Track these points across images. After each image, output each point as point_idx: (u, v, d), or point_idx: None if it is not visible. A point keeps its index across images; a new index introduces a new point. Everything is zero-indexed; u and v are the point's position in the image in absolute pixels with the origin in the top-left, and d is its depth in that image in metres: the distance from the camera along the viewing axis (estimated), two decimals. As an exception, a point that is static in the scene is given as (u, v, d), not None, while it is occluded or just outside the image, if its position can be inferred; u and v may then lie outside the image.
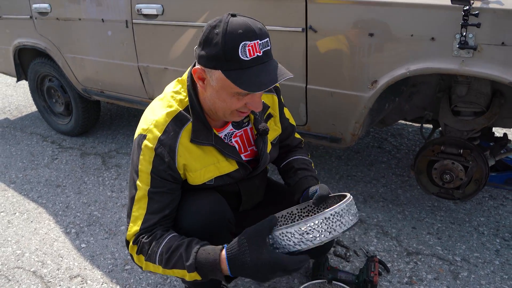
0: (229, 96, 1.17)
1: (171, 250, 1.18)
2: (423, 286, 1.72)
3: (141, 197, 1.25)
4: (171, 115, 1.25)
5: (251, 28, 1.10)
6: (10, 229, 2.21)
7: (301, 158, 1.57)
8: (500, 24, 1.39)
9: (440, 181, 1.83)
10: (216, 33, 1.10)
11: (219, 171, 1.33)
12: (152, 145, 1.22)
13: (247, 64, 1.10)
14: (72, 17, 2.52)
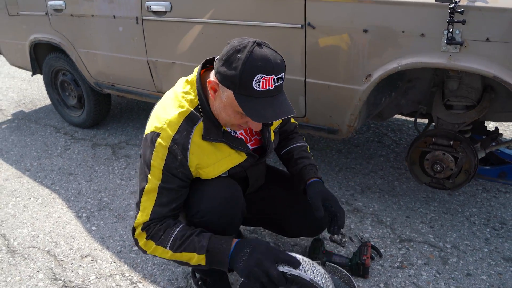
0: (233, 113, 1.27)
1: (185, 236, 1.31)
2: (413, 270, 1.81)
3: (151, 190, 1.34)
4: (183, 115, 1.33)
5: (270, 63, 1.18)
6: (26, 213, 2.35)
7: (298, 145, 1.69)
8: (484, 21, 1.48)
9: (432, 171, 1.92)
10: (238, 58, 1.18)
11: (232, 162, 1.43)
12: (166, 143, 1.31)
13: (258, 94, 1.19)
14: (86, 13, 2.65)
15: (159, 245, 1.34)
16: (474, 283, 1.73)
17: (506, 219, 2.08)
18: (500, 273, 1.77)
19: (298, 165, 1.61)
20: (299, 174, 1.61)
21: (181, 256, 1.32)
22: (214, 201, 1.36)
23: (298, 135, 1.76)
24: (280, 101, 1.23)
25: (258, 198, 1.69)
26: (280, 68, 1.21)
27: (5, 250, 2.07)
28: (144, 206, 1.35)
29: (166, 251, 1.33)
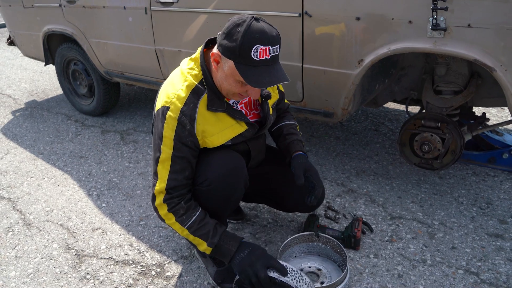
0: (234, 82, 1.41)
1: (203, 222, 1.50)
2: (401, 243, 1.94)
3: (165, 159, 1.48)
4: (190, 88, 1.48)
5: (266, 35, 1.32)
6: (40, 191, 2.50)
7: (288, 123, 1.83)
8: (466, 8, 1.60)
9: (421, 152, 2.04)
10: (238, 31, 1.32)
11: (234, 132, 1.57)
12: (175, 115, 1.45)
13: (256, 63, 1.34)
14: (97, 5, 2.79)
15: (178, 222, 1.50)
16: (458, 255, 1.85)
17: (492, 200, 2.20)
18: (483, 246, 1.89)
19: (286, 140, 1.76)
20: (286, 148, 1.75)
21: (193, 239, 1.51)
22: (221, 170, 1.50)
23: (289, 114, 1.90)
24: (276, 69, 1.38)
25: (258, 175, 1.83)
26: (276, 40, 1.35)
27: (21, 223, 2.22)
28: (161, 174, 1.49)
29: (183, 229, 1.50)
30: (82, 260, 1.94)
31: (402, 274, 1.76)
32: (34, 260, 1.95)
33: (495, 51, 1.60)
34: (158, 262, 1.90)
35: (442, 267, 1.79)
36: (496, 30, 1.58)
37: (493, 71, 1.63)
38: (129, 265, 1.89)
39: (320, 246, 1.86)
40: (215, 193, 1.52)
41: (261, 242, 1.99)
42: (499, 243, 1.90)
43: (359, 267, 1.81)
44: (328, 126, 3.13)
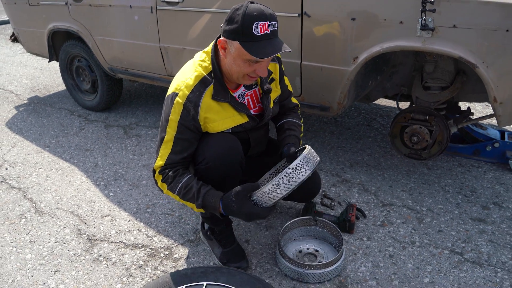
0: (242, 62, 1.55)
1: (188, 188, 1.61)
2: (392, 227, 2.09)
3: (168, 140, 1.64)
4: (198, 78, 1.63)
5: (263, 13, 1.49)
6: (49, 181, 2.62)
7: (291, 120, 1.95)
8: (452, 10, 1.76)
9: (410, 143, 2.20)
10: (238, 14, 1.49)
11: (234, 122, 1.71)
12: (182, 100, 1.60)
13: (258, 38, 1.49)
14: (104, 3, 2.91)
15: (169, 190, 1.65)
16: (444, 237, 2.01)
17: (476, 188, 2.37)
18: (467, 229, 2.05)
19: (284, 134, 1.89)
20: (282, 140, 1.88)
21: (186, 203, 1.65)
22: (218, 150, 1.64)
23: (295, 114, 2.02)
24: (277, 41, 1.54)
25: (258, 164, 1.96)
26: (273, 16, 1.52)
27: (33, 211, 2.33)
28: (162, 153, 1.65)
29: (175, 195, 1.65)
30: (94, 244, 2.06)
31: (393, 255, 1.92)
32: (48, 244, 2.07)
33: (478, 50, 1.76)
34: (166, 245, 2.03)
35: (429, 248, 1.95)
36: (478, 30, 1.73)
37: (476, 67, 1.78)
38: (139, 248, 2.02)
39: (318, 229, 2.01)
40: (213, 171, 1.66)
41: (261, 227, 2.13)
42: (482, 227, 2.07)
43: (353, 249, 1.96)
44: (323, 121, 3.28)
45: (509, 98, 1.81)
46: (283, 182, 1.51)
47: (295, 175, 1.51)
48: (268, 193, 1.54)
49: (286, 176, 1.50)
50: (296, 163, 1.52)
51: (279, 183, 1.51)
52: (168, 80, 2.89)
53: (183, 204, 2.31)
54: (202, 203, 1.59)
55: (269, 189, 1.53)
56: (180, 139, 1.63)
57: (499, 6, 1.68)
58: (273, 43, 1.52)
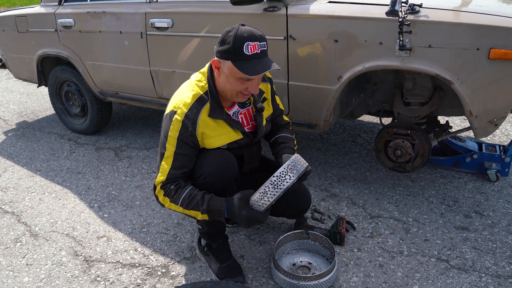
0: (235, 80, 1.66)
1: (191, 197, 1.68)
2: (381, 238, 2.18)
3: (168, 156, 1.71)
4: (195, 97, 1.73)
5: (253, 34, 1.61)
6: (42, 205, 2.64)
7: (284, 135, 2.05)
8: (427, 31, 1.89)
9: (394, 156, 2.31)
10: (229, 35, 1.61)
11: (230, 138, 1.80)
12: (180, 118, 1.69)
13: (249, 57, 1.60)
14: (94, 30, 3.00)
15: (173, 202, 1.71)
16: (431, 245, 2.10)
17: (458, 198, 2.48)
18: (451, 238, 2.15)
19: (279, 147, 1.98)
20: (277, 153, 1.97)
21: (190, 212, 1.71)
22: (214, 165, 1.72)
23: (287, 130, 2.11)
24: (267, 60, 1.64)
25: (251, 180, 2.04)
26: (262, 37, 1.63)
27: (28, 234, 2.35)
28: (163, 169, 1.72)
29: (178, 207, 1.71)
30: (91, 264, 2.09)
31: (383, 264, 2.00)
32: (45, 266, 2.09)
33: (452, 67, 1.89)
34: (163, 264, 2.07)
35: (417, 257, 2.03)
36: (452, 50, 1.87)
37: (451, 84, 1.91)
38: (136, 267, 2.06)
39: (310, 242, 2.08)
40: (211, 185, 1.73)
41: (255, 242, 2.19)
42: (465, 234, 2.17)
43: (345, 260, 2.04)
44: (310, 138, 3.39)
45: (484, 112, 1.94)
46: (269, 189, 1.59)
47: (279, 182, 1.59)
48: (257, 201, 1.62)
49: (272, 183, 1.59)
50: (281, 171, 1.60)
51: (266, 191, 1.59)
52: (158, 102, 2.97)
53: (177, 223, 2.37)
54: (208, 207, 1.65)
55: (257, 197, 1.61)
56: (179, 155, 1.71)
57: (470, 27, 1.82)
58: (262, 62, 1.63)
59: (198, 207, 1.67)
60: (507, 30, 1.77)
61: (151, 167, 3.03)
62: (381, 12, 1.97)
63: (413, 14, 1.92)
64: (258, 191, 1.61)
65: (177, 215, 2.43)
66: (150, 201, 2.61)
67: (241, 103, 1.86)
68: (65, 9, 3.19)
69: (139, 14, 2.74)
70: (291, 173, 1.60)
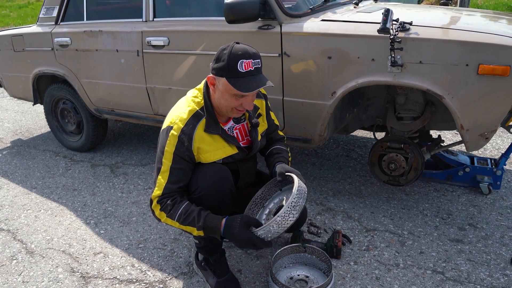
0: (229, 97, 1.70)
1: (188, 213, 1.70)
2: (377, 251, 2.20)
3: (165, 170, 1.73)
4: (191, 112, 1.76)
5: (247, 52, 1.66)
6: (38, 222, 2.63)
7: (279, 147, 2.08)
8: (417, 48, 1.95)
9: (388, 170, 2.35)
10: (224, 53, 1.66)
11: (225, 153, 1.83)
12: (177, 133, 1.72)
13: (243, 74, 1.65)
14: (90, 48, 3.04)
15: (169, 218, 1.73)
16: (426, 258, 2.13)
17: (452, 211, 2.51)
18: (446, 250, 2.18)
19: (274, 157, 2.01)
20: (271, 163, 2.00)
21: (186, 228, 1.72)
22: (210, 179, 1.75)
23: (283, 143, 2.14)
24: (260, 77, 1.69)
25: (247, 195, 2.06)
26: (256, 55, 1.67)
27: (24, 251, 2.34)
28: (159, 183, 1.73)
29: (174, 222, 1.72)
30: (88, 281, 2.08)
31: (379, 277, 2.01)
32: (41, 284, 2.08)
33: (443, 83, 1.95)
34: (160, 279, 2.07)
35: (413, 269, 2.05)
36: (442, 66, 1.93)
37: (442, 98, 1.97)
38: (134, 283, 2.05)
39: (307, 256, 2.09)
40: (206, 198, 1.75)
41: (252, 256, 2.20)
42: (460, 247, 2.20)
43: (341, 273, 2.05)
44: (304, 153, 3.42)
45: (475, 126, 1.99)
46: (273, 228, 1.62)
47: (283, 221, 1.62)
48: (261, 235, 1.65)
49: (276, 223, 1.61)
50: (284, 211, 1.62)
51: (270, 230, 1.63)
52: (154, 119, 3.00)
53: (175, 238, 2.38)
54: (204, 224, 1.66)
55: (260, 233, 1.64)
56: (175, 169, 1.73)
57: (458, 43, 1.89)
58: (256, 79, 1.67)
59: (194, 223, 1.68)
60: (494, 46, 1.84)
61: (147, 183, 3.04)
62: (373, 30, 2.03)
63: (404, 32, 1.98)
64: (261, 228, 1.63)
65: (174, 230, 2.44)
66: (146, 217, 2.61)
67: (236, 118, 1.89)
68: (62, 28, 3.24)
69: (135, 33, 2.79)
70: (294, 211, 1.63)
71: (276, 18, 2.27)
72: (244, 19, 2.19)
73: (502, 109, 1.91)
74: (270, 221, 1.62)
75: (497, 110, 1.92)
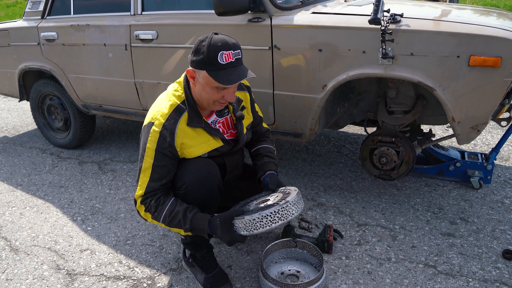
0: (211, 89, 1.65)
1: (173, 215, 1.65)
2: (368, 246, 2.18)
3: (146, 168, 1.69)
4: (172, 106, 1.71)
5: (227, 43, 1.61)
6: (23, 219, 2.57)
7: (267, 146, 2.05)
8: (408, 40, 1.94)
9: (380, 164, 2.33)
10: (203, 45, 1.60)
11: (210, 146, 1.78)
12: (158, 129, 1.67)
13: (223, 66, 1.60)
14: (77, 42, 2.98)
15: (154, 219, 1.70)
16: (418, 252, 2.11)
17: (443, 206, 2.50)
18: (438, 244, 2.16)
19: (263, 160, 1.98)
20: (261, 166, 1.97)
21: (173, 229, 1.69)
22: (195, 174, 1.70)
23: (269, 139, 2.12)
24: (242, 69, 1.64)
25: (235, 188, 2.02)
26: (236, 45, 1.63)
27: (8, 249, 2.28)
28: (141, 182, 1.69)
29: (160, 223, 1.69)
30: (74, 278, 2.03)
31: (371, 271, 1.99)
32: (25, 281, 2.02)
33: (434, 75, 1.94)
34: (149, 276, 2.03)
35: (405, 263, 2.04)
36: (433, 57, 1.91)
37: (434, 91, 1.95)
38: (121, 280, 2.01)
39: (298, 251, 2.06)
40: (192, 194, 1.71)
41: (243, 252, 2.16)
42: (451, 240, 2.18)
43: (333, 268, 2.02)
44: (295, 149, 3.40)
45: (466, 118, 1.98)
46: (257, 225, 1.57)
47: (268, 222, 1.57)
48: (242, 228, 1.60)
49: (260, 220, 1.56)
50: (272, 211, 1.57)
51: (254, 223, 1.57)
52: (143, 114, 2.94)
53: (163, 234, 2.33)
54: (190, 227, 1.63)
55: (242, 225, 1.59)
56: (158, 166, 1.68)
57: (450, 35, 1.87)
58: (237, 71, 1.63)
59: (181, 225, 1.65)
60: (485, 38, 1.83)
61: (135, 180, 2.98)
62: (364, 22, 2.01)
63: (395, 24, 1.96)
64: (245, 217, 1.59)
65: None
66: (135, 213, 2.56)
67: (219, 112, 1.85)
68: (48, 22, 3.18)
69: (123, 27, 2.74)
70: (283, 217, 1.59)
71: (266, 11, 2.24)
72: (234, 11, 2.16)
73: (494, 101, 1.90)
74: (256, 213, 1.58)
75: (489, 102, 1.91)
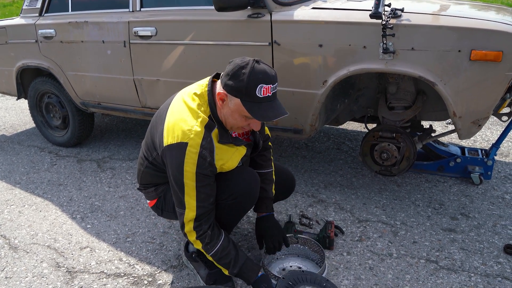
0: (240, 117, 1.59)
1: (225, 252, 1.71)
2: (370, 242, 2.17)
3: (190, 190, 1.62)
4: (203, 123, 1.60)
5: (268, 75, 1.52)
6: (22, 217, 2.55)
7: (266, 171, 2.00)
8: (409, 34, 1.93)
9: (380, 160, 2.32)
10: (243, 73, 1.50)
11: (240, 154, 1.77)
12: (196, 150, 1.57)
13: (260, 100, 1.53)
14: (75, 40, 2.96)
15: (204, 250, 1.72)
16: (419, 247, 2.10)
17: (444, 201, 2.50)
18: (439, 239, 2.16)
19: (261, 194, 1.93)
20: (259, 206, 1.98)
21: (217, 265, 1.75)
22: (244, 185, 1.73)
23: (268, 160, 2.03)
24: (277, 104, 1.58)
25: None
26: (275, 79, 1.56)
27: (7, 247, 2.26)
28: (189, 204, 1.64)
29: (208, 255, 1.72)
30: (74, 276, 2.02)
31: (373, 267, 1.99)
32: (25, 279, 2.01)
33: (435, 69, 1.93)
34: (149, 273, 2.01)
35: (406, 259, 2.03)
36: (434, 52, 1.91)
37: (435, 85, 1.94)
38: (121, 277, 1.99)
39: (299, 247, 2.06)
40: (239, 205, 1.73)
41: (244, 248, 2.15)
42: (453, 236, 2.18)
43: (334, 264, 2.02)
44: (295, 146, 3.39)
45: (467, 112, 1.97)
46: None
47: None
48: None
49: None
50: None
51: None
52: (142, 111, 2.93)
53: (164, 232, 2.32)
54: (238, 272, 1.71)
55: None
56: (202, 187, 1.63)
57: (451, 29, 1.87)
58: (273, 106, 1.56)
59: (229, 266, 1.71)
60: (487, 32, 1.82)
61: (135, 177, 2.97)
62: (364, 17, 2.01)
63: (396, 18, 1.95)
64: None
65: (163, 224, 2.38)
66: (134, 211, 2.55)
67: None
68: (46, 20, 3.16)
69: (122, 23, 2.72)
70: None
71: (266, 6, 2.23)
72: (234, 7, 2.15)
73: (495, 95, 1.89)
74: None
75: (490, 97, 1.90)
